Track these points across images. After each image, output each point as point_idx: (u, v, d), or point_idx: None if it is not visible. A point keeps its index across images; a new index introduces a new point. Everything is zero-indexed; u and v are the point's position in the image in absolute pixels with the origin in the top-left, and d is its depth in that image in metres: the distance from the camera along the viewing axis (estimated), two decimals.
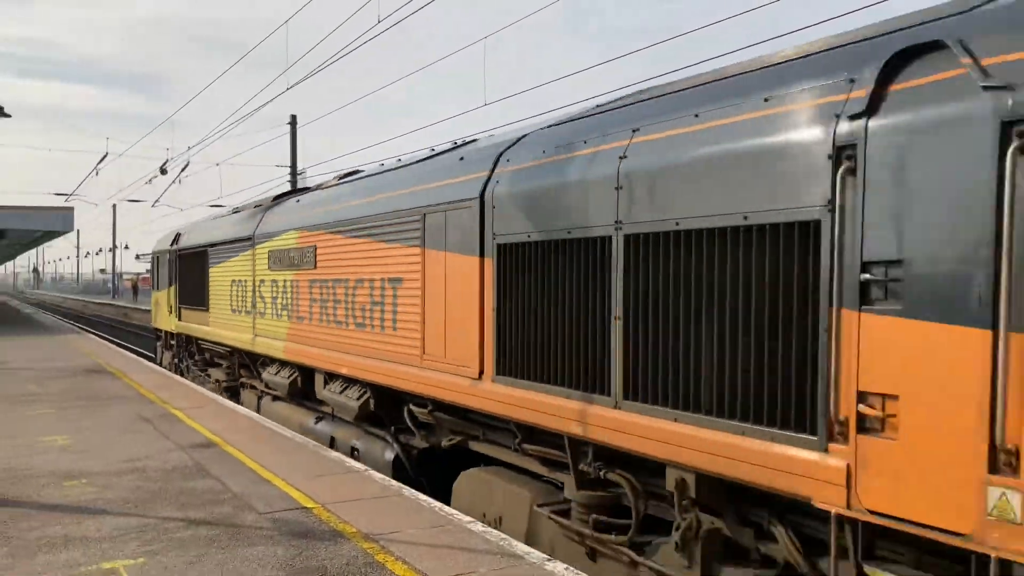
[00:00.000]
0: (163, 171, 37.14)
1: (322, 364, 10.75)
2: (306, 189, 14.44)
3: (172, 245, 19.62)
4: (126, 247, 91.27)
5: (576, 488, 6.38)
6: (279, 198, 14.36)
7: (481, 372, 7.23)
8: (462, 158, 8.17)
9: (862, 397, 4.11)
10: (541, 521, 6.84)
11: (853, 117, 4.20)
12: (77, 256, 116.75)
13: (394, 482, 8.10)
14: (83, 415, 11.97)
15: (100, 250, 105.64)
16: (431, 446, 8.85)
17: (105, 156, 38.74)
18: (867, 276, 4.09)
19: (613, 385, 5.70)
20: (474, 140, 9.09)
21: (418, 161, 9.63)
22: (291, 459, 9.05)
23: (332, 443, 10.68)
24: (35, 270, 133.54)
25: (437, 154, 9.32)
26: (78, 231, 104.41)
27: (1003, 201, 3.55)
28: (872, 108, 4.14)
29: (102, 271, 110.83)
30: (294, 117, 39.78)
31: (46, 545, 6.16)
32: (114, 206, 78.65)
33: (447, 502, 7.85)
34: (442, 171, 8.39)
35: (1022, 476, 3.49)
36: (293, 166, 39.62)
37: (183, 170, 37.06)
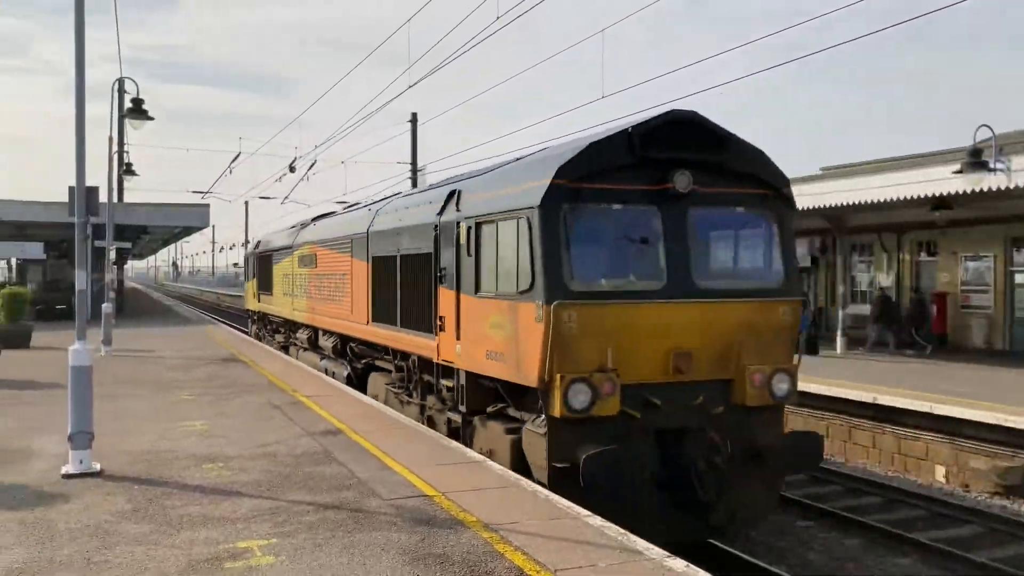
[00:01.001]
0: (291, 169, 38.66)
1: (319, 324, 17.74)
2: (326, 215, 20.63)
3: (255, 249, 27.30)
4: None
5: (395, 372, 12.86)
6: (315, 219, 20.43)
7: (368, 320, 13.61)
8: (368, 209, 15.17)
9: (440, 318, 10.16)
10: (389, 393, 13.10)
11: (438, 215, 10.34)
12: (212, 251, 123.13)
13: (512, 473, 8.19)
14: (219, 401, 12.64)
15: (233, 245, 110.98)
16: (362, 365, 15.23)
17: (238, 155, 40.60)
18: (439, 274, 10.19)
19: (397, 320, 12.10)
20: (398, 193, 15.47)
21: (361, 207, 16.79)
22: (413, 448, 9.28)
23: (326, 371, 17.01)
24: (174, 264, 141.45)
25: (364, 205, 16.83)
26: (213, 227, 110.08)
27: (458, 246, 9.64)
28: (441, 213, 10.28)
29: (235, 265, 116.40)
30: (414, 115, 40.57)
31: (187, 523, 6.54)
32: (246, 203, 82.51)
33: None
34: (359, 216, 15.42)
35: (462, 341, 9.46)
36: (413, 163, 40.46)
37: (310, 168, 38.44)
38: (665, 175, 8.22)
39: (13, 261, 38.74)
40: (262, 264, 25.28)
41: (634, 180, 8.23)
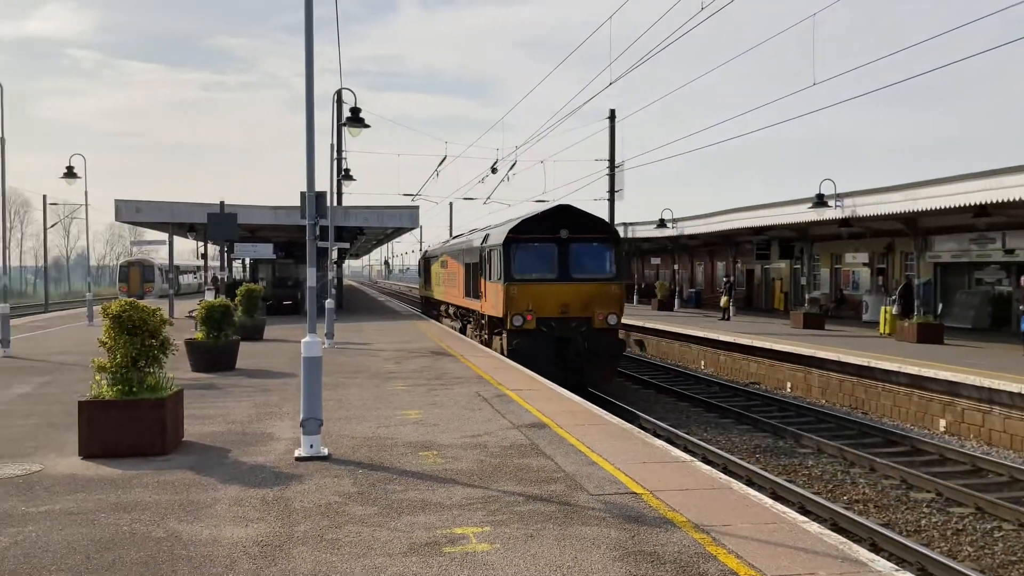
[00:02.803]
0: (493, 170, 39.76)
1: (450, 301, 30.00)
2: (457, 236, 33.56)
3: (423, 256, 42.06)
4: None
5: (473, 322, 25.34)
6: (453, 238, 34.08)
7: (463, 296, 26.17)
8: (468, 237, 28.91)
9: (481, 292, 22.58)
10: (473, 332, 25.10)
11: (480, 244, 22.92)
12: (420, 249, 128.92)
13: (722, 475, 8.00)
14: (431, 392, 13.24)
15: None
16: (464, 321, 27.23)
17: (444, 159, 42.28)
18: (481, 272, 22.56)
19: (471, 295, 24.56)
20: (485, 227, 28.40)
21: (471, 232, 30.57)
22: (617, 444, 9.28)
23: (453, 328, 28.35)
24: (386, 262, 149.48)
25: (473, 231, 30.36)
26: (421, 227, 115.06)
27: (485, 259, 22.29)
28: (481, 244, 22.76)
29: None
30: (612, 112, 40.50)
31: (407, 508, 6.90)
32: (451, 204, 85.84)
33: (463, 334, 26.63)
34: (463, 239, 29.29)
35: (487, 301, 21.76)
36: (611, 160, 40.38)
37: (511, 168, 39.39)
38: (559, 230, 19.53)
39: (247, 260, 42.55)
40: (427, 265, 39.40)
41: (545, 232, 19.68)
